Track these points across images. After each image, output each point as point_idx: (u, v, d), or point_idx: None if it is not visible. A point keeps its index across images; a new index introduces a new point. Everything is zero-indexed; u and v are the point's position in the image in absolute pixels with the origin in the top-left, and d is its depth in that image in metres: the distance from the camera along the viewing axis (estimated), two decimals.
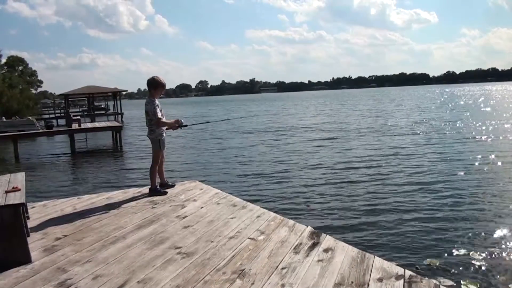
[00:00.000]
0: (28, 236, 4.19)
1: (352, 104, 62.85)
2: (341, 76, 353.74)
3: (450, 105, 47.21)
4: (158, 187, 6.35)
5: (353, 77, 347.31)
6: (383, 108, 46.61)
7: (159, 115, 6.03)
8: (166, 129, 6.35)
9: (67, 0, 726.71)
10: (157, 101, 6.17)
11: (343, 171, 12.36)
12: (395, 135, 20.67)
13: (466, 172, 11.41)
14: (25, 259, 3.80)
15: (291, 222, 4.66)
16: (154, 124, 6.11)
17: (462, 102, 52.05)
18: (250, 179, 12.03)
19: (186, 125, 6.46)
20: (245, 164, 14.73)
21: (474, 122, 25.09)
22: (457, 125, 24.25)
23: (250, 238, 4.18)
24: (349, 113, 41.21)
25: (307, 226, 4.48)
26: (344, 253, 3.74)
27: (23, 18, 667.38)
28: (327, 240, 4.06)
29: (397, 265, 3.61)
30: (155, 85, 6.16)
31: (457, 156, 13.93)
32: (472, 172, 11.33)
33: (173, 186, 6.65)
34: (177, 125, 6.31)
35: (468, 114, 32.45)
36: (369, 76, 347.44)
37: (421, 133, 21.23)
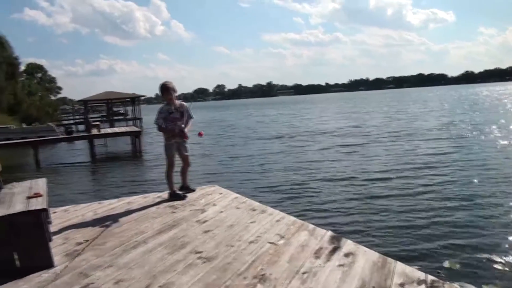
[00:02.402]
0: (50, 241, 4.23)
1: (372, 106, 62.23)
2: (358, 78, 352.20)
3: (478, 106, 46.06)
4: (177, 191, 6.37)
5: (370, 79, 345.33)
6: (405, 110, 45.96)
7: (158, 121, 6.21)
8: (172, 135, 6.30)
9: (83, 8, 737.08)
10: (167, 107, 6.25)
11: (363, 175, 12.24)
12: (418, 139, 20.17)
13: (493, 176, 11.11)
14: (48, 264, 3.83)
15: (311, 226, 4.62)
16: None
17: (488, 103, 50.84)
18: (269, 184, 12.01)
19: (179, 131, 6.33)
20: (264, 169, 14.72)
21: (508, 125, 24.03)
22: (488, 128, 23.07)
23: (270, 243, 4.16)
24: (372, 115, 40.69)
25: (328, 231, 4.45)
26: (365, 257, 3.70)
27: (40, 26, 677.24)
28: (348, 245, 4.01)
29: (419, 269, 3.56)
30: (160, 90, 6.29)
31: (485, 161, 13.52)
32: (499, 177, 11.01)
33: (193, 190, 6.66)
34: (178, 130, 6.28)
35: (501, 116, 30.78)
36: (387, 77, 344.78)
37: (446, 136, 20.61)
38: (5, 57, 42.30)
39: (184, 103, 6.52)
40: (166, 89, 6.24)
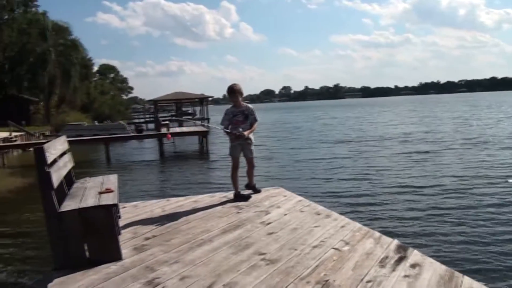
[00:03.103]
0: (119, 235, 4.35)
1: (444, 110, 59.77)
2: (429, 81, 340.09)
3: None
4: (241, 192, 6.42)
5: (441, 82, 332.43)
6: (480, 115, 43.75)
7: (223, 123, 6.34)
8: (235, 137, 6.33)
9: (155, 12, 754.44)
10: (233, 109, 6.34)
11: (434, 185, 11.74)
12: (495, 148, 18.96)
13: None
14: (116, 257, 3.96)
15: (377, 234, 4.50)
16: None
17: None
18: (334, 188, 11.87)
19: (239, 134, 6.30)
20: (329, 173, 14.56)
21: None
22: None
23: (334, 248, 4.09)
24: (444, 120, 39.01)
25: (394, 239, 4.31)
26: (432, 270, 3.53)
27: (113, 29, 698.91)
28: (415, 255, 3.87)
29: (487, 285, 3.37)
30: (227, 92, 6.39)
31: None
32: None
33: (259, 191, 6.66)
34: (238, 133, 6.27)
35: None
36: (459, 81, 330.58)
37: None
38: (79, 59, 44.67)
39: (249, 105, 6.56)
40: (232, 91, 6.32)
